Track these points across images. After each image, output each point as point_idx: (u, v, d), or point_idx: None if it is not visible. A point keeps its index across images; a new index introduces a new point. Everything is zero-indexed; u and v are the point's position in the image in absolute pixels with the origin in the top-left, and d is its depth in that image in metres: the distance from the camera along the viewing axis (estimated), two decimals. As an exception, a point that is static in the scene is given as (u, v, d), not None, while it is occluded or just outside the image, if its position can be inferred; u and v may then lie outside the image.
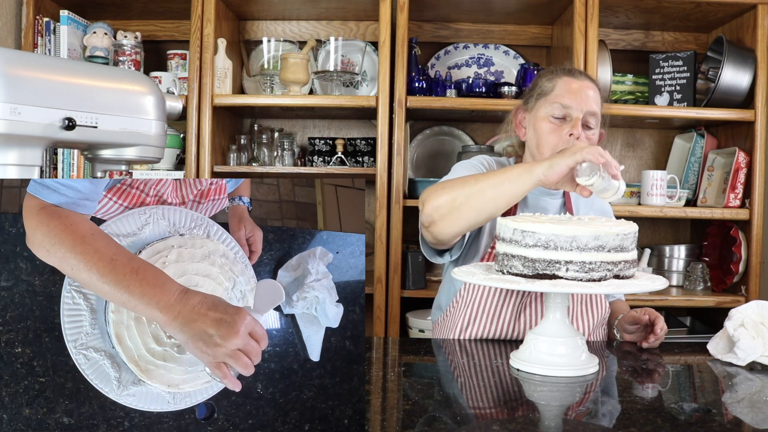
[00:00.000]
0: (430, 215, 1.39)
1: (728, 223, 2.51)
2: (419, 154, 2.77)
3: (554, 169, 1.27)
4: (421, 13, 2.61)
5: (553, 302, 1.24)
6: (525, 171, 1.31)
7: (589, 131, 1.52)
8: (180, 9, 2.52)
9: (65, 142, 1.05)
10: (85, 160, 1.51)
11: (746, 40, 2.42)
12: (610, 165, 1.25)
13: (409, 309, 2.46)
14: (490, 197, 1.33)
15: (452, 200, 1.36)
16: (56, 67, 1.05)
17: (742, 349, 1.30)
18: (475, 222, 1.38)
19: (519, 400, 1.11)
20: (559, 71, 1.57)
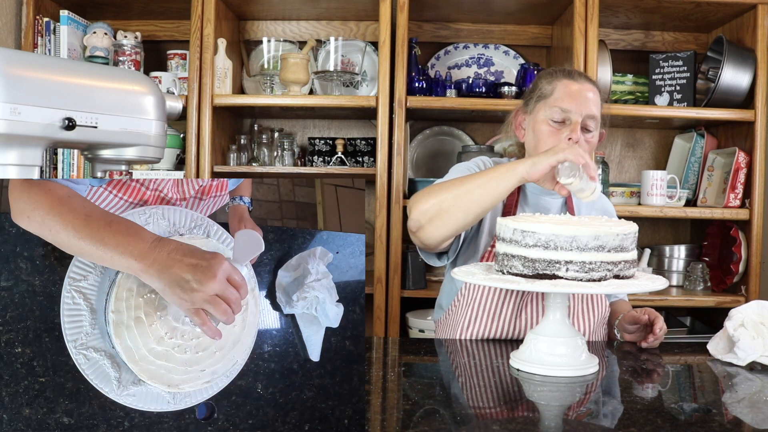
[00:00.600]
0: (418, 220, 1.41)
1: (728, 223, 2.51)
2: (419, 154, 2.77)
3: (537, 167, 1.31)
4: (421, 13, 2.61)
5: (553, 302, 1.24)
6: (509, 169, 1.34)
7: (588, 134, 1.52)
8: (180, 9, 2.52)
9: (65, 142, 1.05)
10: (85, 160, 1.51)
11: (746, 40, 2.42)
12: (589, 167, 1.30)
13: (409, 309, 2.46)
14: (476, 197, 1.35)
15: (440, 203, 1.38)
16: (56, 67, 1.05)
17: (742, 349, 1.30)
18: (463, 223, 1.39)
19: (519, 400, 1.11)
20: (559, 73, 1.56)
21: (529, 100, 1.59)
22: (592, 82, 1.57)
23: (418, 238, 1.44)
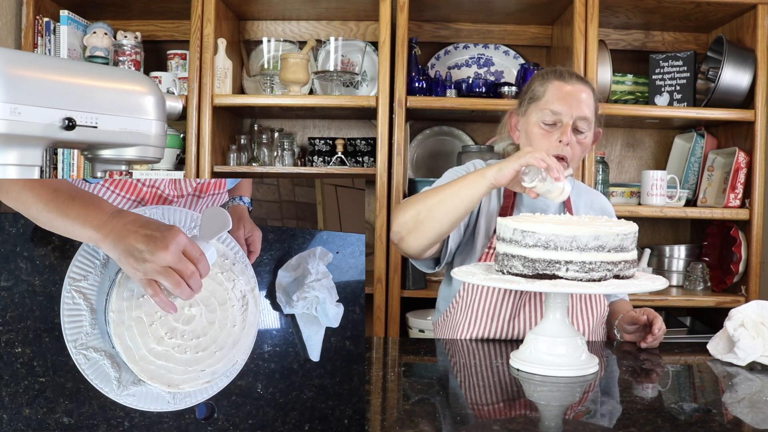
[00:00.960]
0: (398, 232, 1.44)
1: (728, 223, 2.51)
2: (419, 154, 2.77)
3: (502, 172, 1.31)
4: (421, 13, 2.61)
5: (553, 302, 1.24)
6: (479, 176, 1.35)
7: (580, 135, 1.53)
8: (180, 9, 2.52)
9: (65, 142, 1.05)
10: (85, 160, 1.51)
11: (746, 40, 2.42)
12: (551, 169, 1.30)
13: (409, 309, 2.46)
14: (450, 206, 1.36)
15: (416, 214, 1.40)
16: (56, 67, 1.04)
17: (742, 349, 1.30)
18: (439, 232, 1.40)
19: (519, 400, 1.11)
20: (551, 75, 1.57)
21: (522, 102, 1.60)
22: (584, 83, 1.57)
23: (401, 248, 1.48)
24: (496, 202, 1.58)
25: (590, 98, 1.54)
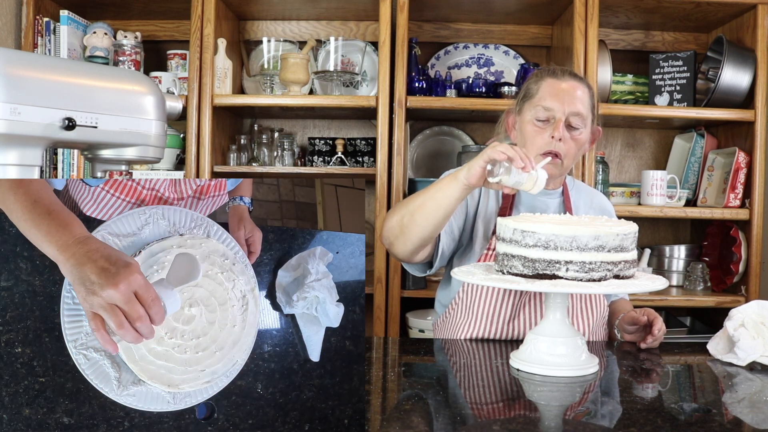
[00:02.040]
0: (387, 237, 1.46)
1: (728, 223, 2.51)
2: (419, 154, 2.77)
3: (471, 171, 1.30)
4: (421, 13, 2.61)
5: (553, 302, 1.24)
6: (452, 178, 1.34)
7: (575, 131, 1.52)
8: (180, 9, 2.52)
9: (65, 142, 1.05)
10: (85, 160, 1.51)
11: (746, 40, 2.42)
12: (515, 160, 1.26)
13: (409, 309, 2.46)
14: (429, 210, 1.36)
15: (401, 219, 1.41)
16: (56, 67, 1.04)
17: (742, 349, 1.30)
18: (422, 236, 1.40)
19: (519, 400, 1.11)
20: (545, 73, 1.58)
21: (517, 101, 1.61)
22: (579, 80, 1.57)
23: (392, 253, 1.49)
24: (494, 203, 1.58)
25: (585, 95, 1.54)
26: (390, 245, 1.46)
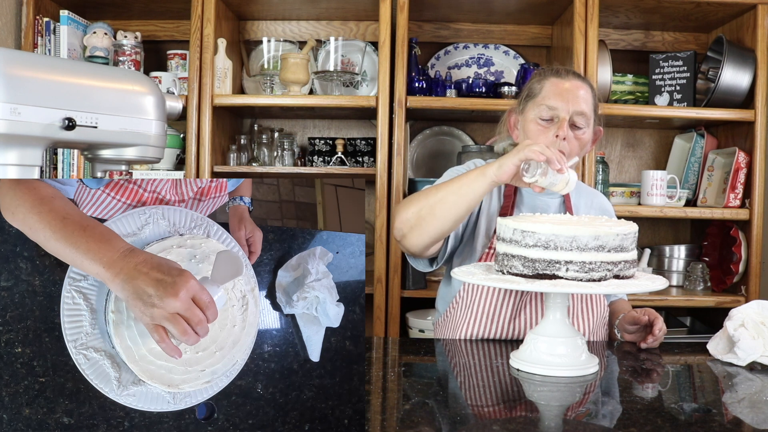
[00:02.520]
0: (400, 229, 1.43)
1: (728, 223, 2.51)
2: (419, 154, 2.77)
3: (503, 168, 1.30)
4: (421, 13, 2.61)
5: (553, 302, 1.24)
6: (480, 173, 1.34)
7: (578, 131, 1.52)
8: (180, 9, 2.52)
9: (65, 142, 1.05)
10: (85, 160, 1.51)
11: (746, 40, 2.42)
12: (552, 161, 1.27)
13: (409, 309, 2.46)
14: (451, 203, 1.36)
15: (418, 211, 1.39)
16: (56, 67, 1.04)
17: (742, 349, 1.30)
18: (441, 230, 1.39)
19: (519, 400, 1.11)
20: (548, 72, 1.58)
21: (520, 100, 1.61)
22: (582, 80, 1.57)
23: (404, 245, 1.47)
24: (496, 202, 1.58)
25: (588, 95, 1.54)
26: (403, 237, 1.44)
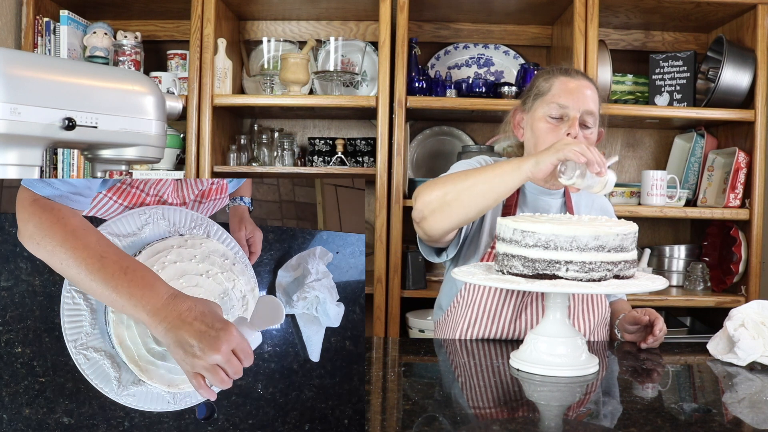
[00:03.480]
0: (422, 210, 1.40)
1: (728, 223, 2.51)
2: (419, 154, 2.77)
3: (540, 166, 1.28)
4: (421, 13, 2.61)
5: (553, 302, 1.24)
6: (515, 167, 1.32)
7: (587, 130, 1.52)
8: (180, 9, 2.52)
9: (65, 142, 1.05)
10: (85, 160, 1.51)
11: (746, 40, 2.42)
12: (592, 164, 1.25)
13: (409, 309, 2.46)
14: (480, 192, 1.34)
15: (443, 195, 1.37)
16: (56, 67, 1.05)
17: (742, 349, 1.30)
18: (465, 217, 1.38)
19: (519, 400, 1.11)
20: (556, 71, 1.57)
21: (527, 99, 1.60)
22: (589, 80, 1.57)
23: (422, 228, 1.44)
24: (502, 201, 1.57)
25: (595, 95, 1.55)
26: (423, 219, 1.41)
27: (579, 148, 1.26)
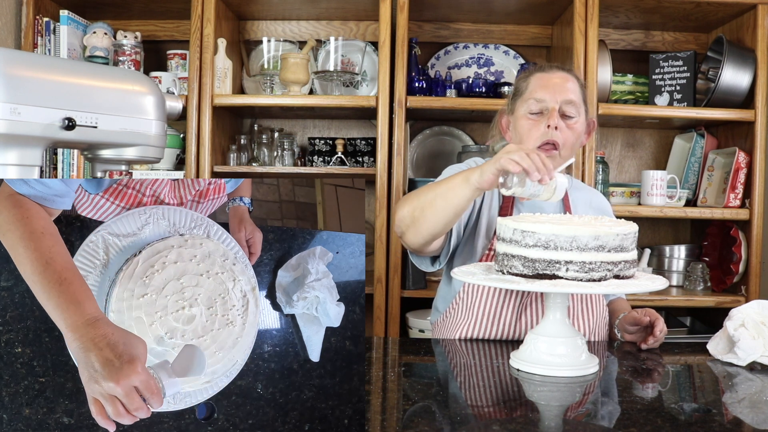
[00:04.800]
0: (399, 227, 1.43)
1: (728, 223, 2.51)
2: (419, 154, 2.77)
3: (484, 177, 1.24)
4: (421, 13, 2.61)
5: (553, 302, 1.24)
6: (464, 179, 1.28)
7: (570, 120, 1.52)
8: (180, 9, 2.52)
9: (65, 142, 1.05)
10: (85, 160, 1.51)
11: (746, 40, 2.42)
12: (531, 172, 1.18)
13: (409, 309, 2.46)
14: (440, 207, 1.33)
15: (412, 211, 1.38)
16: (56, 67, 1.05)
17: (742, 349, 1.30)
18: (434, 231, 1.37)
19: (519, 400, 1.11)
20: (532, 69, 1.60)
21: (509, 101, 1.62)
22: (567, 71, 1.58)
23: (404, 243, 1.47)
24: (496, 202, 1.58)
25: (575, 85, 1.55)
26: (402, 234, 1.43)
27: (517, 157, 1.18)
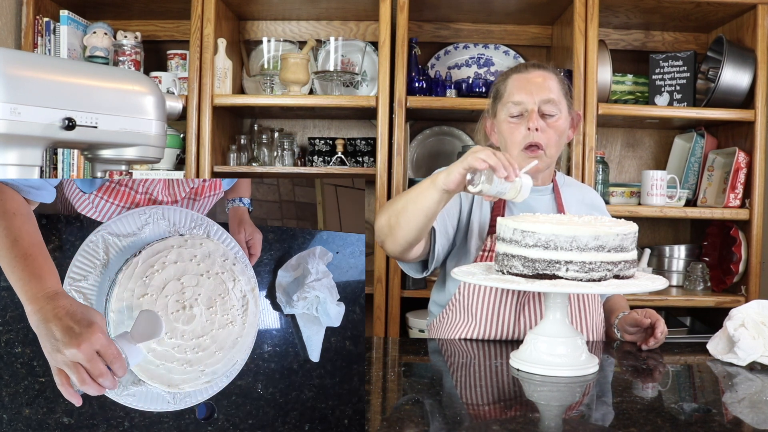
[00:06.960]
0: (378, 236, 1.43)
1: (728, 223, 2.51)
2: (419, 154, 2.77)
3: (450, 177, 1.24)
4: (421, 13, 2.61)
5: (552, 302, 1.24)
6: (432, 182, 1.28)
7: (551, 119, 1.52)
8: (180, 9, 2.52)
9: (65, 142, 1.05)
10: (85, 160, 1.51)
11: (746, 40, 2.42)
12: (497, 169, 1.19)
13: (409, 309, 2.46)
14: (412, 212, 1.32)
15: (388, 219, 1.38)
16: (56, 67, 1.05)
17: (742, 349, 1.30)
18: (409, 237, 1.36)
19: (519, 400, 1.11)
20: (510, 71, 1.60)
21: (490, 104, 1.62)
22: (544, 68, 1.57)
23: (385, 250, 1.46)
24: (487, 203, 1.57)
25: (553, 81, 1.54)
26: (382, 243, 1.44)
27: (483, 155, 1.20)
